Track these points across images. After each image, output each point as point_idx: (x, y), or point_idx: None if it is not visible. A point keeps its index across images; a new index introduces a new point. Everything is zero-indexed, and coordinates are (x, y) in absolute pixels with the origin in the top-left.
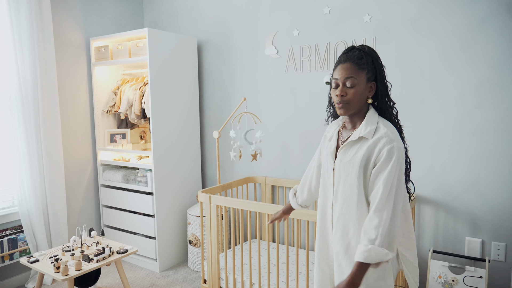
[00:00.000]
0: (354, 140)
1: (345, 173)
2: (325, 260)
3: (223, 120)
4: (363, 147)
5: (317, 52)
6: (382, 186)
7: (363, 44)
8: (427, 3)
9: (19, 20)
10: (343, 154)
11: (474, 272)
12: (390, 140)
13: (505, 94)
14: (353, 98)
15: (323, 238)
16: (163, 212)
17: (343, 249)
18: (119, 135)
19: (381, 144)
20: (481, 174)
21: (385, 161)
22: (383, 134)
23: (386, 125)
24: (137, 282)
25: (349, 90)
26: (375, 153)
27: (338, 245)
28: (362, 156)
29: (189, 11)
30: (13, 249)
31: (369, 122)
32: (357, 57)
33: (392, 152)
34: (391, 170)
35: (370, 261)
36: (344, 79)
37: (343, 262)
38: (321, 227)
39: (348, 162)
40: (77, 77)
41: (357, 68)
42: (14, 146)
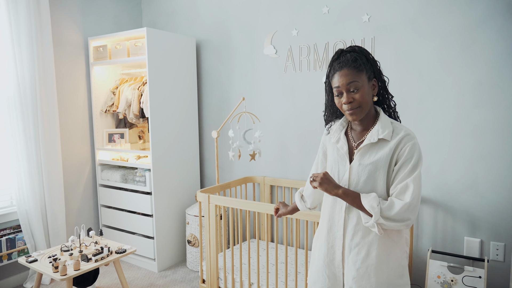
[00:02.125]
0: (374, 142)
1: (365, 174)
2: (332, 268)
3: (221, 120)
4: (384, 148)
5: (316, 52)
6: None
7: (351, 46)
8: (426, 3)
9: (17, 20)
10: (362, 156)
11: (473, 272)
12: (412, 137)
13: (503, 94)
14: (362, 101)
15: (329, 245)
16: (162, 212)
17: (363, 255)
18: (117, 134)
19: (404, 142)
20: (479, 174)
21: (408, 157)
22: (404, 134)
23: (400, 125)
24: (135, 282)
25: (355, 94)
26: (398, 150)
27: (356, 250)
28: (385, 157)
29: (188, 10)
30: (12, 249)
31: (384, 124)
32: (352, 60)
33: (414, 148)
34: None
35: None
36: (347, 85)
37: (362, 267)
38: (328, 233)
39: (371, 163)
40: (75, 77)
41: (356, 71)
42: (13, 146)
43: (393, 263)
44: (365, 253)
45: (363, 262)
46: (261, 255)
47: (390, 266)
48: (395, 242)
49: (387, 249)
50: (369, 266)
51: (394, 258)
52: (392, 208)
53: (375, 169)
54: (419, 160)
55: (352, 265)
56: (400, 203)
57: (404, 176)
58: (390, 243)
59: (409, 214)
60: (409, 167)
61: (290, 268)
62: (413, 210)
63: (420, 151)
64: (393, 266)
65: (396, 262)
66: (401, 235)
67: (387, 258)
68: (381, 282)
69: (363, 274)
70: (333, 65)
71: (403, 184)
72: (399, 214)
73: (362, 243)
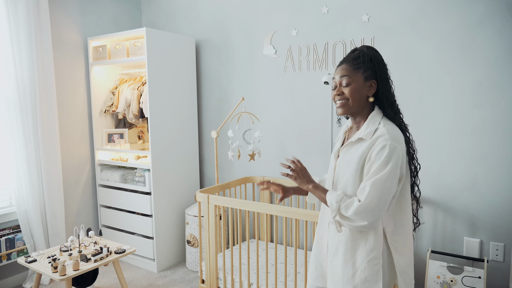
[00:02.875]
0: (353, 141)
1: (342, 172)
2: (319, 259)
3: (221, 120)
4: (361, 147)
5: (315, 52)
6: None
7: (365, 45)
8: (426, 3)
9: (17, 20)
10: (343, 154)
11: (473, 272)
12: (386, 139)
13: (503, 94)
14: (350, 96)
15: (319, 236)
16: (161, 212)
17: (335, 248)
18: (117, 135)
19: (377, 143)
20: (479, 174)
21: (376, 156)
22: (380, 134)
23: (387, 125)
24: (135, 282)
25: (345, 88)
26: (370, 151)
27: (331, 242)
28: (359, 157)
29: (187, 10)
30: (11, 249)
31: (370, 123)
32: (353, 57)
33: (384, 148)
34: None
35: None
36: (340, 79)
37: (334, 260)
38: (319, 225)
39: (346, 162)
40: (75, 77)
41: (352, 68)
42: (12, 146)
43: (360, 264)
44: (335, 249)
45: (334, 257)
46: (261, 255)
47: (356, 267)
48: (363, 243)
49: (352, 250)
50: (338, 262)
51: (361, 260)
52: (349, 207)
53: (348, 167)
54: (387, 163)
55: (328, 258)
56: (356, 203)
57: (367, 176)
58: (355, 244)
59: (365, 216)
60: (374, 169)
61: (289, 268)
62: (369, 213)
63: (393, 154)
64: (361, 268)
65: (363, 264)
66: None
67: (352, 258)
68: (347, 279)
69: (334, 269)
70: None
71: (362, 185)
72: (355, 214)
73: (334, 238)
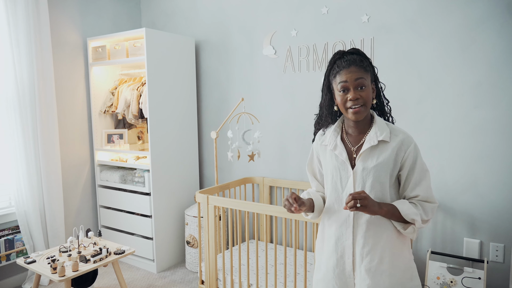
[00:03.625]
0: (375, 145)
1: (371, 177)
2: (342, 279)
3: (221, 120)
4: (385, 150)
5: (315, 52)
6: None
7: (354, 48)
8: (425, 3)
9: (16, 20)
10: (365, 160)
11: (473, 273)
12: (410, 140)
13: (503, 95)
14: (367, 100)
15: (338, 255)
16: (161, 213)
17: (377, 261)
18: (116, 135)
19: (405, 146)
20: (479, 175)
21: (415, 159)
22: (403, 136)
23: (395, 126)
24: (134, 283)
25: (362, 92)
26: (401, 155)
27: (369, 257)
28: (387, 159)
29: (187, 11)
30: (10, 250)
31: (380, 126)
32: (359, 60)
33: (416, 149)
34: (422, 164)
35: (406, 214)
36: (355, 81)
37: (377, 272)
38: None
39: (376, 166)
40: (74, 77)
41: (364, 70)
42: (11, 147)
43: (404, 265)
44: (378, 260)
45: (377, 268)
46: (260, 256)
47: (402, 269)
48: (404, 243)
49: (398, 252)
50: (383, 272)
51: (405, 260)
52: (427, 212)
53: (381, 171)
54: (422, 160)
55: (366, 273)
56: (430, 206)
57: (419, 180)
58: (400, 245)
59: (434, 212)
60: (419, 170)
61: (289, 269)
62: (436, 207)
63: (419, 149)
64: (404, 269)
65: (406, 264)
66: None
67: (399, 261)
68: (395, 284)
69: (379, 280)
70: (336, 63)
71: (424, 188)
72: (432, 215)
73: (374, 249)
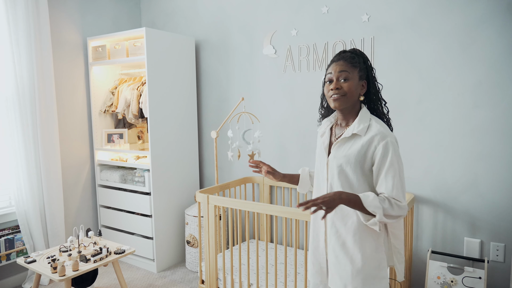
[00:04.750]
0: (348, 137)
1: (339, 167)
2: (316, 255)
3: (221, 120)
4: (357, 143)
5: (315, 52)
6: (390, 178)
7: (355, 48)
8: (426, 2)
9: (16, 20)
10: (337, 150)
11: (473, 272)
12: (384, 136)
13: (503, 94)
14: (348, 91)
15: (315, 233)
16: (161, 212)
17: (340, 243)
18: (116, 135)
19: (376, 141)
20: (479, 174)
21: (384, 156)
22: (376, 132)
23: (378, 122)
24: (134, 283)
25: (343, 83)
26: (371, 150)
27: (334, 238)
28: (357, 152)
29: (187, 10)
30: (10, 249)
31: (362, 119)
32: (350, 56)
33: (387, 147)
34: (392, 162)
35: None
36: (338, 73)
37: (340, 254)
38: (314, 223)
39: (343, 157)
40: (74, 77)
41: (350, 65)
42: (11, 146)
43: (369, 253)
44: (342, 242)
45: (341, 249)
46: (261, 255)
47: (366, 256)
48: (370, 234)
49: (362, 240)
50: (346, 254)
51: (370, 249)
52: (394, 209)
53: (346, 163)
54: (394, 158)
55: (332, 252)
56: (398, 203)
57: (385, 177)
58: (365, 234)
59: (404, 211)
60: (387, 168)
61: (289, 268)
62: (405, 206)
63: (394, 147)
64: (369, 257)
65: (372, 253)
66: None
67: (362, 248)
68: (357, 270)
69: (341, 261)
70: (333, 58)
71: (389, 186)
72: (399, 213)
73: (339, 232)
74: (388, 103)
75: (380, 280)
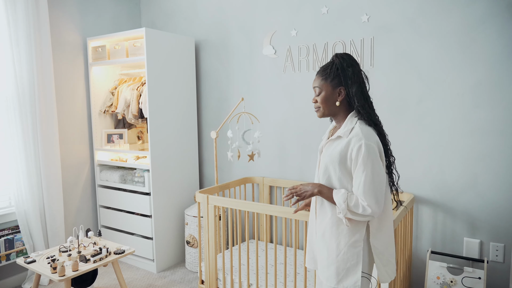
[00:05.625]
0: (334, 139)
1: (325, 166)
2: (311, 243)
3: (220, 120)
4: (340, 144)
5: (315, 52)
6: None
7: (338, 53)
8: (425, 2)
9: (16, 20)
10: (326, 150)
11: (473, 273)
12: (359, 139)
13: (503, 94)
14: (321, 103)
15: (311, 224)
16: (161, 213)
17: (321, 233)
18: (116, 135)
19: (353, 143)
20: (479, 175)
21: (357, 156)
22: (355, 134)
23: (361, 126)
24: (134, 283)
25: (318, 97)
26: (349, 150)
27: (318, 228)
28: (339, 152)
29: (187, 11)
30: (10, 250)
31: (348, 123)
32: (323, 68)
33: (360, 149)
34: (364, 162)
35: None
36: (314, 88)
37: (320, 244)
38: (310, 216)
39: (328, 156)
40: (74, 77)
41: (321, 79)
42: (11, 146)
43: (343, 247)
44: (322, 232)
45: (321, 241)
46: (260, 256)
47: (340, 249)
48: (348, 229)
49: (337, 234)
50: (325, 243)
51: (345, 243)
52: (357, 207)
53: (330, 162)
54: (368, 160)
55: (319, 240)
56: (362, 203)
57: (357, 177)
58: (339, 229)
59: (367, 211)
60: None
61: (289, 269)
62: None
63: (369, 150)
64: (343, 250)
65: (347, 247)
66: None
67: (336, 241)
68: (331, 260)
69: (321, 251)
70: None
71: (356, 185)
72: (364, 212)
73: (321, 223)
74: (388, 103)
75: (353, 274)
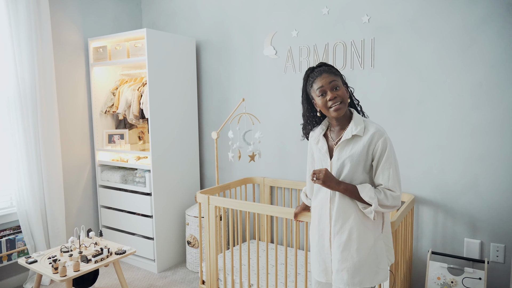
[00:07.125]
0: (348, 139)
1: (344, 167)
2: (322, 255)
3: (221, 120)
4: (358, 143)
5: (315, 53)
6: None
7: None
8: (426, 3)
9: (17, 21)
10: (340, 152)
11: (473, 273)
12: (382, 134)
13: (503, 95)
14: (344, 97)
15: (320, 233)
16: (162, 213)
17: (344, 238)
18: (117, 135)
19: (376, 138)
20: (479, 175)
21: (382, 151)
22: (375, 130)
23: (371, 122)
24: (135, 283)
25: (338, 92)
26: (372, 146)
27: (339, 235)
28: (360, 151)
29: (187, 11)
30: (11, 250)
31: (356, 122)
32: (327, 68)
33: (385, 143)
34: (389, 155)
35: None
36: (330, 84)
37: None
38: (318, 223)
39: (348, 157)
40: (75, 78)
41: (334, 75)
42: (12, 147)
43: (370, 247)
44: (347, 237)
45: (346, 244)
46: (261, 256)
47: (368, 249)
48: (369, 229)
49: (364, 233)
50: (351, 247)
51: (370, 243)
52: (388, 199)
53: (352, 161)
54: (391, 152)
55: (337, 249)
56: (392, 194)
57: (383, 170)
58: (365, 229)
59: (398, 201)
60: (384, 162)
61: (289, 269)
62: (399, 196)
63: (390, 143)
64: (370, 250)
65: (372, 247)
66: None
67: (366, 240)
68: (362, 263)
69: (347, 256)
70: (309, 76)
71: (386, 178)
72: (394, 203)
73: (343, 228)
74: (389, 103)
75: (381, 271)
